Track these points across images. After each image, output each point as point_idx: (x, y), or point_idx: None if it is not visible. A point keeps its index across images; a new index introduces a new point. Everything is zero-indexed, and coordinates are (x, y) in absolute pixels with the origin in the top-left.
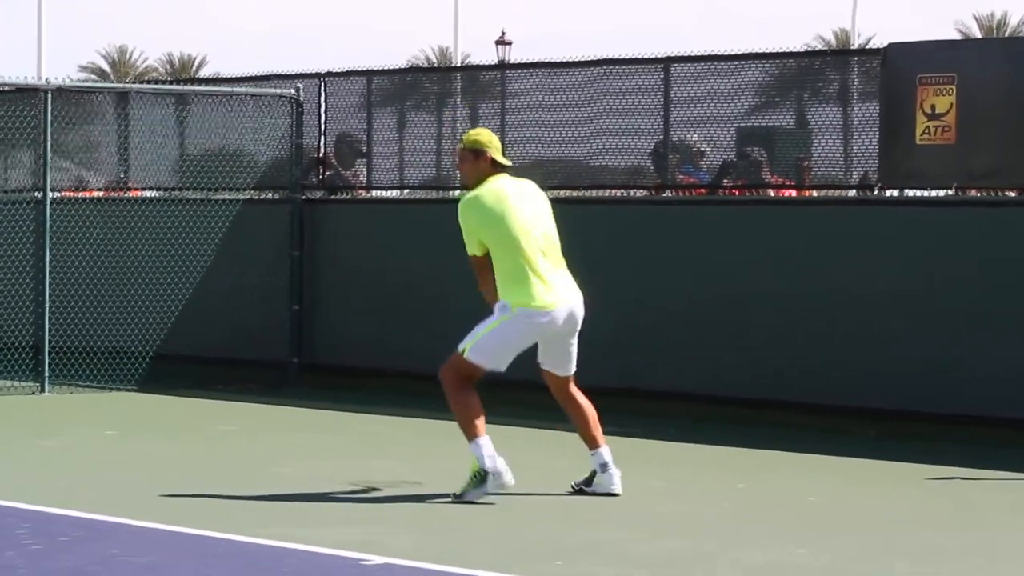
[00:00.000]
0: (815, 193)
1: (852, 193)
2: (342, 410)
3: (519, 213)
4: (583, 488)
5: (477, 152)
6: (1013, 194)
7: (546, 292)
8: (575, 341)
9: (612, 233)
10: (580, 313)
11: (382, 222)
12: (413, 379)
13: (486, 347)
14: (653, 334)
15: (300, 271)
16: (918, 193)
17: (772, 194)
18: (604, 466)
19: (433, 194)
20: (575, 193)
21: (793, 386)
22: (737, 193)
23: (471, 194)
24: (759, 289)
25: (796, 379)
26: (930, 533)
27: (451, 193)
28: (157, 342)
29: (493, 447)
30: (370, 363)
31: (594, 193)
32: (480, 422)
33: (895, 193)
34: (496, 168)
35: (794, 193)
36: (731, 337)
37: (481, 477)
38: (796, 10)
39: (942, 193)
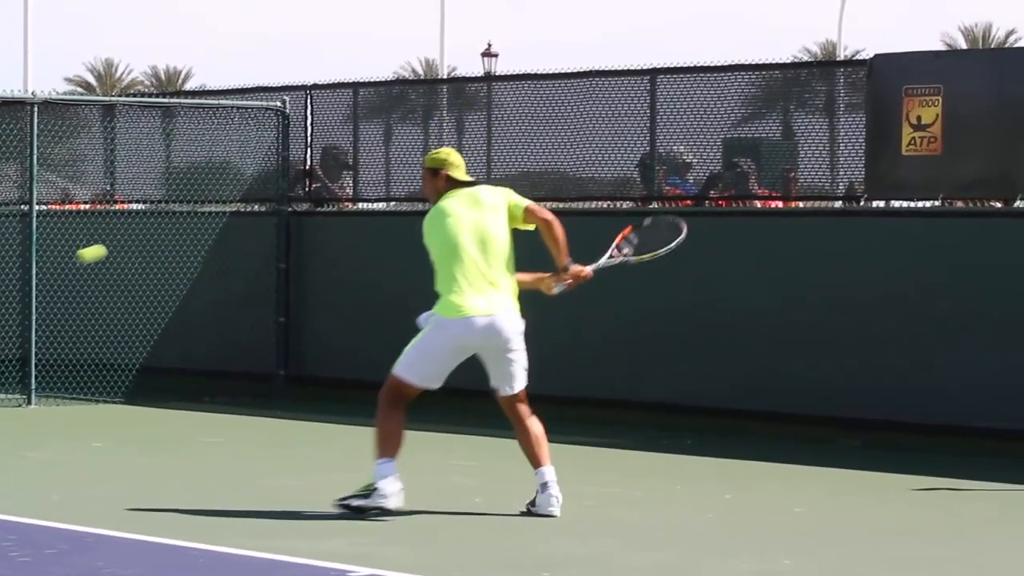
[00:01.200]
0: (801, 204)
1: (838, 204)
2: (328, 422)
3: (456, 224)
4: (530, 509)
5: (435, 171)
6: (999, 204)
7: (464, 300)
8: (514, 358)
9: (598, 245)
10: (505, 327)
11: (368, 234)
12: None
13: (409, 362)
14: (639, 346)
15: (287, 283)
16: (904, 204)
17: (759, 205)
18: (544, 486)
19: (419, 206)
20: (561, 205)
21: (778, 396)
22: (723, 204)
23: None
24: (745, 300)
25: (781, 389)
26: (916, 543)
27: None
28: (144, 354)
29: (395, 472)
30: (356, 375)
31: (580, 205)
32: (394, 446)
33: (881, 204)
34: (452, 185)
35: (780, 204)
36: (717, 348)
37: (369, 491)
38: (782, 21)
39: (928, 204)
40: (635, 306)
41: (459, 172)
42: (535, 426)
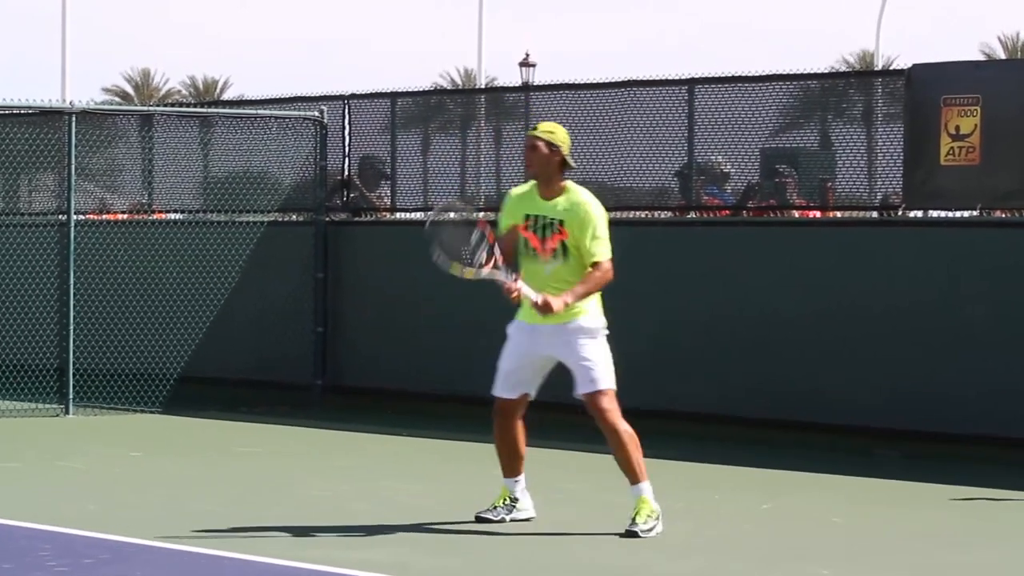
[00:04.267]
0: (839, 214)
1: (875, 214)
2: (366, 432)
3: None
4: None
5: (553, 147)
6: None
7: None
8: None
9: (636, 254)
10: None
11: (406, 244)
12: (437, 401)
13: (613, 373)
14: (678, 355)
15: (324, 293)
16: (942, 214)
17: (796, 215)
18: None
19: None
20: None
21: (816, 406)
22: (761, 215)
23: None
24: (782, 310)
25: (819, 399)
26: (955, 553)
27: (474, 215)
28: (181, 364)
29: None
30: (394, 385)
31: (618, 215)
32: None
33: (919, 214)
34: (565, 169)
35: (818, 214)
36: (754, 358)
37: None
38: (819, 31)
39: (966, 214)
40: (671, 316)
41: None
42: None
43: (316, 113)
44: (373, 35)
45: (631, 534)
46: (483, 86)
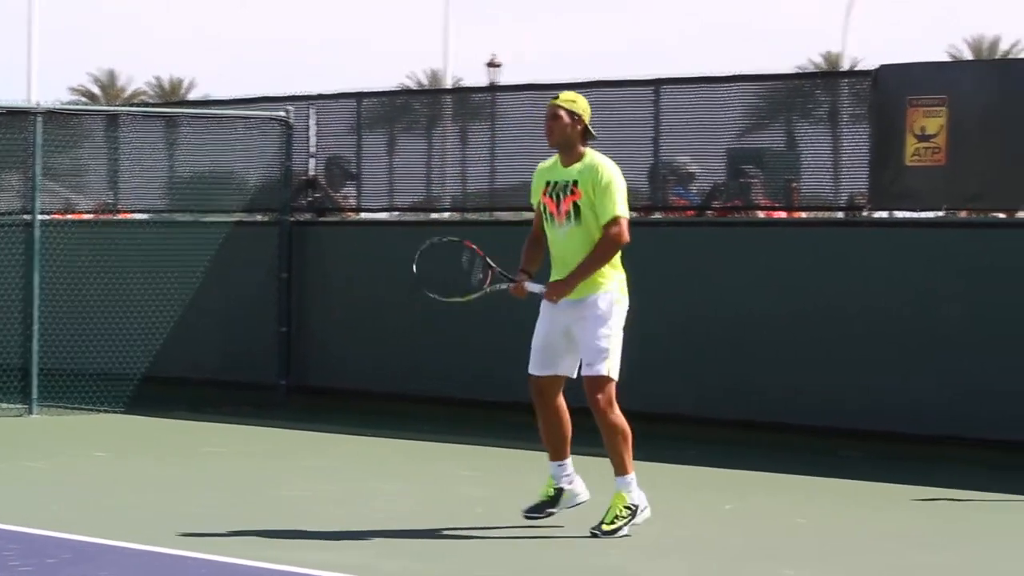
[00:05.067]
0: (804, 215)
1: (841, 215)
2: (331, 432)
3: None
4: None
5: (575, 115)
6: (1003, 216)
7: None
8: None
9: None
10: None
11: (371, 244)
12: (402, 400)
13: (618, 362)
14: (639, 357)
15: (289, 293)
16: (907, 214)
17: (762, 216)
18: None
19: (422, 216)
20: None
21: (779, 406)
22: (726, 215)
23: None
24: (747, 310)
25: (782, 399)
26: (918, 554)
27: (441, 215)
28: (146, 364)
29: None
30: (359, 385)
31: None
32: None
33: (884, 215)
34: (587, 139)
35: (784, 215)
36: (719, 358)
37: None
38: (787, 33)
39: (932, 215)
40: (634, 316)
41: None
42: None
43: (282, 113)
44: (340, 35)
45: (593, 534)
46: (449, 87)
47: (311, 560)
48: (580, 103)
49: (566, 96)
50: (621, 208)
